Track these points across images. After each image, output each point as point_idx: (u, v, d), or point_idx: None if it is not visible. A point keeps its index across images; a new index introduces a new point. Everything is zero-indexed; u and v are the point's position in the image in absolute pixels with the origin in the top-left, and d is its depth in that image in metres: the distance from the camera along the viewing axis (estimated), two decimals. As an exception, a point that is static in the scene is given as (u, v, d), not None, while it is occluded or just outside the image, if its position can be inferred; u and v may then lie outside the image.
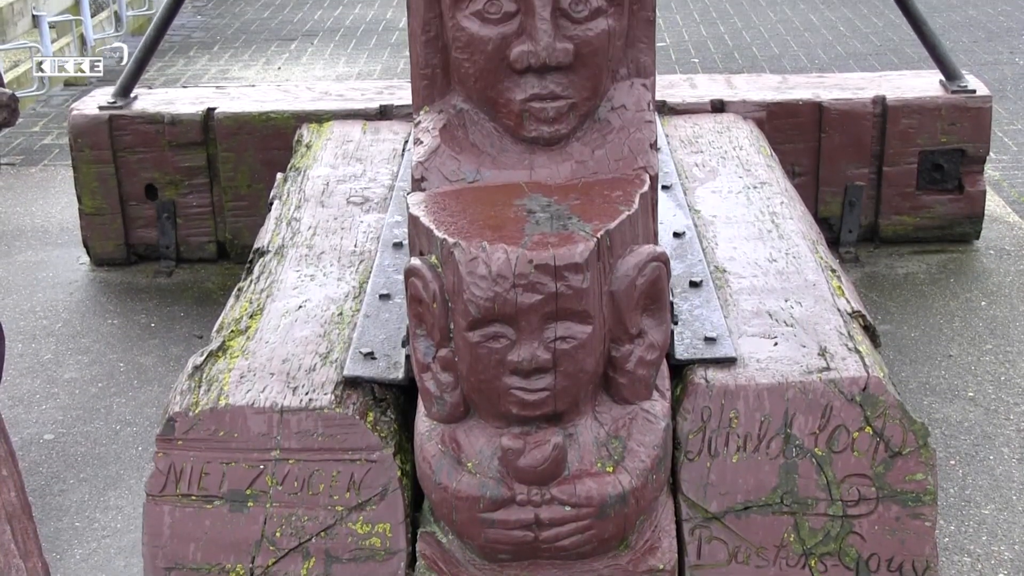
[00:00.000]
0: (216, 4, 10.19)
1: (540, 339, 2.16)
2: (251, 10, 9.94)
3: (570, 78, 2.40)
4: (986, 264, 4.69)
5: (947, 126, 4.67)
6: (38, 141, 6.77)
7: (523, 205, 2.33)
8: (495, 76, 2.41)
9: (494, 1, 2.38)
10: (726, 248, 3.21)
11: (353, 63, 8.26)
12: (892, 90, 4.74)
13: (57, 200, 5.70)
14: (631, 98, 2.51)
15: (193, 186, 4.79)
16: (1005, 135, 6.49)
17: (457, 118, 2.51)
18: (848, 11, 9.26)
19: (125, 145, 4.75)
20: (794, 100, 4.67)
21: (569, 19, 2.38)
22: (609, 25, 2.40)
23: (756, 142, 4.12)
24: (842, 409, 2.52)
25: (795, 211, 3.49)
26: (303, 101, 4.76)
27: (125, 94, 4.85)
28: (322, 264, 3.21)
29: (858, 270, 4.63)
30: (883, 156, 4.72)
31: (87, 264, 4.93)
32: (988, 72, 7.43)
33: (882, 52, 8.13)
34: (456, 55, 2.44)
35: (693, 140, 4.13)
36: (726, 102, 4.56)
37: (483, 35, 2.38)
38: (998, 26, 8.73)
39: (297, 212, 3.59)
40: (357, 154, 4.11)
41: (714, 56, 8.18)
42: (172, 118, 4.72)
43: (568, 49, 2.36)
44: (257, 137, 4.69)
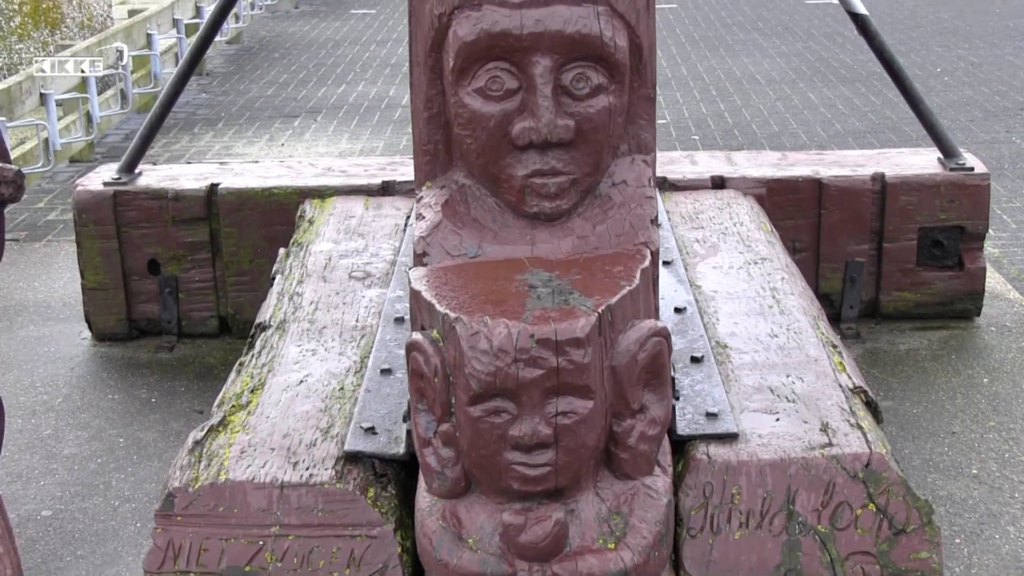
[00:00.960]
0: (221, 82, 10.29)
1: (541, 414, 2.16)
2: (255, 88, 10.04)
3: (571, 154, 2.42)
4: (988, 341, 4.69)
5: (946, 203, 4.70)
6: (42, 217, 6.81)
7: (525, 280, 2.34)
8: (497, 152, 2.43)
9: (496, 78, 2.40)
10: (727, 324, 3.21)
11: (356, 140, 8.33)
12: (891, 167, 4.78)
13: (60, 275, 5.72)
14: (632, 174, 2.53)
15: (195, 261, 4.80)
16: (1004, 212, 6.52)
17: (459, 193, 2.52)
18: (846, 90, 9.35)
19: (128, 220, 4.78)
20: (794, 177, 4.69)
21: (570, 96, 2.40)
22: (610, 102, 2.43)
23: (756, 218, 4.14)
24: (845, 486, 2.50)
25: (796, 287, 3.50)
26: (306, 177, 4.80)
27: (129, 170, 4.89)
28: (323, 339, 3.22)
29: (859, 346, 4.63)
30: (883, 232, 4.73)
31: (88, 339, 4.93)
32: (985, 150, 7.48)
33: (880, 130, 8.20)
34: (458, 131, 2.47)
35: (694, 216, 4.15)
36: (726, 178, 4.59)
37: (485, 112, 2.41)
38: (994, 105, 8.81)
39: (299, 287, 3.60)
40: (359, 229, 4.13)
41: (714, 133, 8.24)
42: (176, 194, 4.75)
43: (569, 126, 2.39)
44: (260, 212, 4.71)
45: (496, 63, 2.39)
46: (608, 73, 2.41)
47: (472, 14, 2.39)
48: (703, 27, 11.98)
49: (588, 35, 2.38)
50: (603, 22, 2.39)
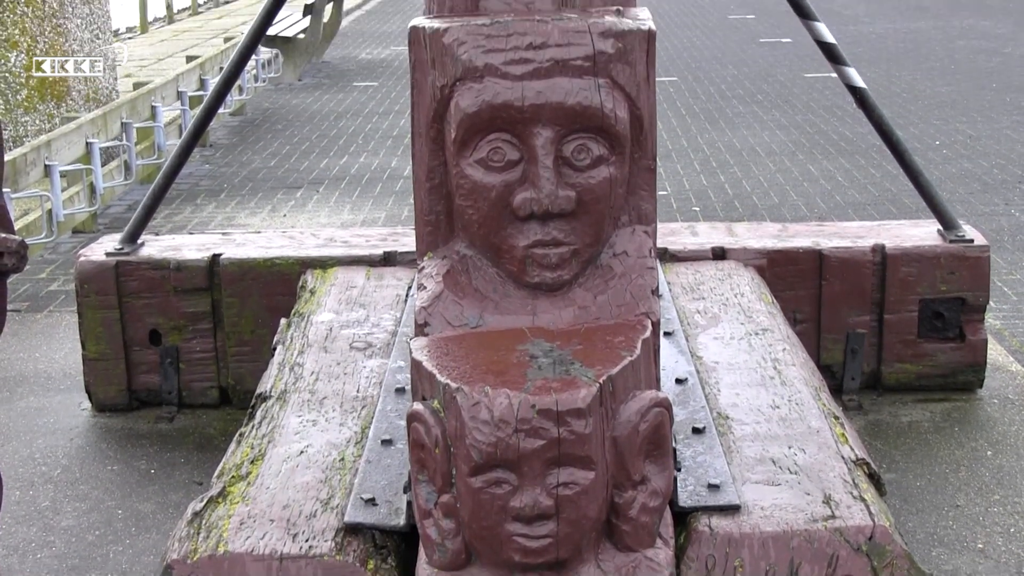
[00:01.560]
0: (224, 153, 10.36)
1: (542, 485, 2.15)
2: (258, 159, 10.10)
3: (572, 225, 2.44)
4: (990, 413, 4.67)
5: (946, 275, 4.71)
6: (44, 287, 6.82)
7: (526, 350, 2.34)
8: (498, 223, 2.44)
9: (497, 149, 2.42)
10: (728, 394, 3.20)
11: (358, 210, 8.36)
12: (891, 239, 4.79)
13: (61, 346, 5.71)
14: (633, 244, 2.54)
15: (197, 331, 4.80)
16: (1004, 284, 6.53)
17: (460, 264, 2.53)
18: (846, 162, 9.40)
19: (130, 291, 4.78)
20: (794, 248, 4.71)
21: (571, 167, 2.42)
22: (611, 173, 2.44)
23: (757, 289, 4.14)
24: (848, 559, 2.48)
25: (797, 358, 3.50)
26: (308, 247, 4.81)
27: (132, 240, 4.91)
28: (324, 409, 3.21)
29: (861, 418, 4.61)
30: (884, 304, 4.74)
31: (88, 410, 4.92)
32: (985, 223, 7.50)
33: (880, 202, 8.23)
34: (460, 202, 2.48)
35: (695, 287, 4.16)
36: (727, 249, 4.60)
37: (487, 182, 2.43)
38: (993, 178, 8.85)
39: (300, 357, 3.60)
40: (361, 300, 4.13)
41: (715, 205, 8.28)
42: (178, 264, 4.76)
43: (571, 197, 2.40)
44: (262, 283, 4.72)
45: (498, 134, 2.42)
46: (609, 144, 2.43)
47: (474, 86, 2.42)
48: (703, 100, 12.07)
49: (589, 107, 2.41)
50: (604, 94, 2.42)
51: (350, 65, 15.13)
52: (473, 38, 2.44)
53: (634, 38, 2.49)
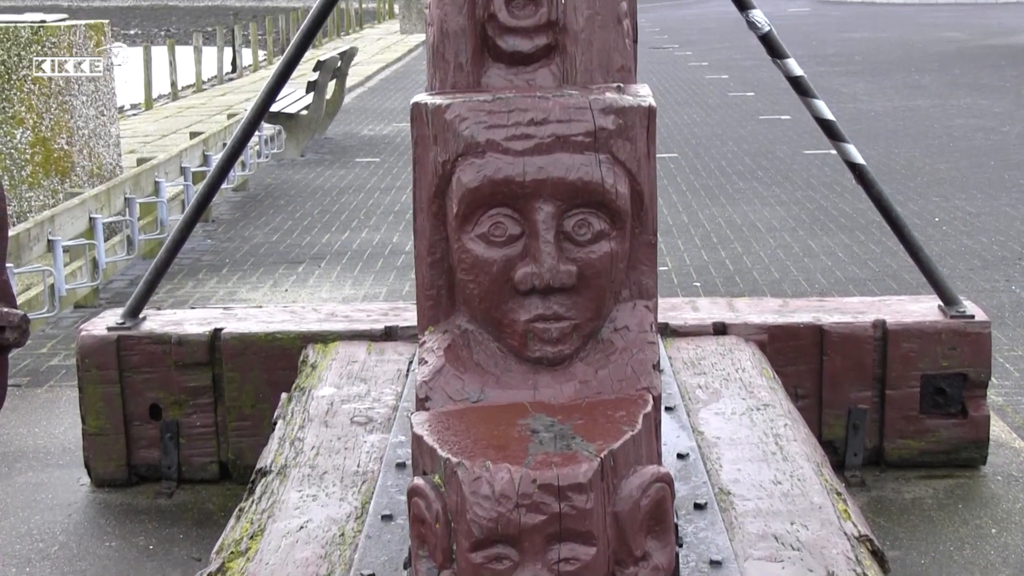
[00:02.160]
0: (226, 228, 10.41)
1: (544, 561, 2.13)
2: (260, 234, 10.14)
3: (573, 299, 2.44)
4: (994, 490, 4.64)
5: (948, 350, 4.71)
6: (45, 362, 6.81)
7: (527, 425, 2.34)
8: (499, 297, 2.45)
9: (499, 224, 2.44)
10: (730, 470, 3.19)
11: (359, 285, 8.38)
12: (892, 314, 4.79)
13: (61, 421, 5.70)
14: (634, 319, 2.55)
15: (197, 406, 4.79)
16: (1006, 361, 6.52)
17: (462, 338, 2.54)
18: (846, 238, 9.43)
19: (131, 365, 4.78)
20: (795, 323, 4.71)
21: (572, 242, 2.44)
22: (612, 248, 2.46)
23: (758, 364, 4.14)
24: (853, 636, 2.46)
25: (799, 433, 3.49)
26: (309, 322, 4.82)
27: (134, 315, 4.91)
28: (324, 484, 3.19)
29: (864, 494, 4.58)
30: (885, 379, 4.73)
31: (87, 485, 4.89)
32: (985, 299, 7.51)
33: (880, 278, 8.25)
34: (461, 276, 2.49)
35: (696, 362, 4.16)
36: (728, 324, 4.60)
37: (488, 257, 2.44)
38: (993, 255, 8.88)
39: (301, 432, 3.59)
40: (362, 374, 4.13)
41: (716, 280, 8.29)
42: (179, 338, 4.77)
43: (572, 271, 2.41)
44: (263, 357, 4.72)
45: (499, 209, 2.43)
46: (610, 219, 2.45)
47: (475, 161, 2.44)
48: (704, 176, 12.15)
49: (590, 182, 2.42)
50: (605, 170, 2.44)
51: (352, 141, 15.24)
52: (475, 114, 2.47)
53: (635, 114, 2.52)
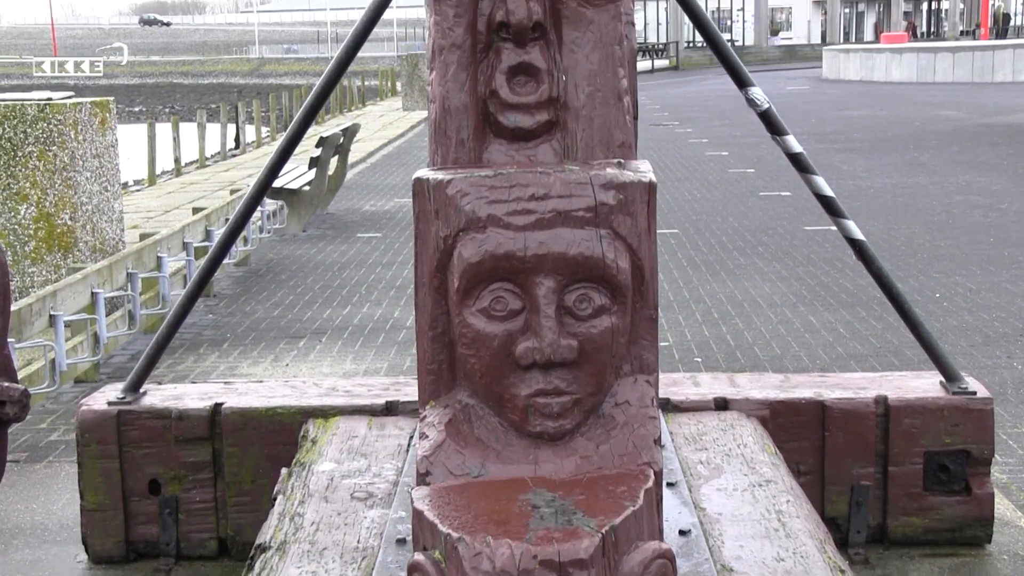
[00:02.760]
0: (227, 303, 10.42)
1: (545, 638, 2.11)
2: (261, 309, 10.15)
3: (575, 374, 2.45)
4: (1000, 569, 4.60)
5: (950, 427, 4.69)
6: (44, 437, 6.79)
7: (528, 500, 2.32)
8: (500, 372, 2.45)
9: (500, 298, 2.45)
10: (732, 547, 3.17)
11: (360, 360, 8.37)
12: (894, 390, 4.78)
13: (59, 497, 5.67)
14: (635, 394, 2.55)
15: (197, 481, 4.77)
16: (1009, 438, 6.50)
17: (462, 413, 2.53)
18: (847, 314, 9.44)
19: (131, 440, 4.77)
20: (797, 399, 4.70)
21: (573, 316, 2.44)
22: (613, 323, 2.46)
23: (760, 440, 4.13)
24: None
25: (801, 510, 3.47)
26: (310, 396, 4.81)
27: (134, 389, 4.90)
28: (324, 560, 3.17)
29: (868, 572, 4.54)
30: (888, 456, 4.71)
31: (84, 562, 4.85)
32: (988, 375, 7.50)
33: (882, 354, 8.25)
34: (462, 351, 2.49)
35: (697, 437, 4.14)
36: (729, 400, 4.59)
37: (489, 332, 2.44)
38: (994, 331, 8.88)
39: (301, 507, 3.57)
40: (362, 449, 4.11)
41: (717, 355, 8.29)
42: (179, 413, 4.75)
43: (572, 346, 2.42)
44: (263, 432, 4.70)
45: (500, 283, 2.45)
46: (611, 294, 2.46)
47: (477, 236, 2.46)
48: (704, 251, 12.19)
49: (591, 257, 2.44)
50: (605, 244, 2.45)
51: (354, 217, 15.32)
52: (476, 189, 2.49)
53: (635, 190, 2.53)
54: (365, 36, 4.56)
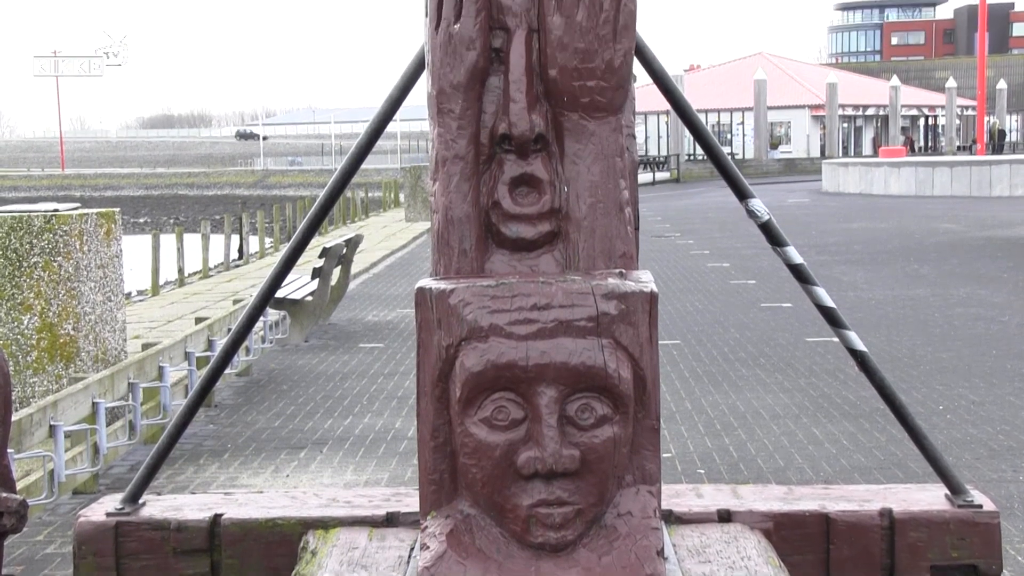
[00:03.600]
0: (228, 413, 10.40)
1: None
2: (262, 419, 10.12)
3: (576, 484, 2.44)
4: None
5: (957, 540, 4.63)
6: (41, 550, 6.72)
7: (530, 612, 2.30)
8: (502, 482, 2.44)
9: (502, 408, 2.45)
10: (738, 663, 3.12)
11: (361, 471, 8.32)
12: (898, 503, 4.74)
13: (54, 608, 5.60)
14: (637, 505, 2.53)
15: (194, 594, 4.70)
16: (1018, 553, 6.43)
17: (464, 523, 2.52)
18: (850, 425, 9.40)
19: (129, 551, 4.71)
20: (801, 511, 4.65)
21: (575, 426, 2.44)
22: (615, 432, 2.46)
23: (764, 553, 4.08)
24: None
25: (808, 625, 3.42)
26: (310, 507, 4.76)
27: (133, 500, 4.86)
28: (322, 675, 3.12)
29: None
30: (894, 569, 4.64)
31: (78, 676, 4.76)
32: (993, 489, 7.45)
33: (886, 466, 8.19)
34: (464, 461, 2.49)
35: (700, 549, 4.10)
36: (733, 512, 4.55)
37: (491, 441, 2.44)
38: (999, 444, 8.84)
39: (299, 621, 3.51)
40: (363, 561, 4.07)
41: (720, 467, 8.24)
42: (178, 524, 4.70)
43: (575, 456, 2.41)
44: (263, 543, 4.65)
45: (502, 393, 2.45)
46: (613, 404, 2.46)
47: (479, 345, 2.46)
48: (706, 362, 12.18)
49: (593, 367, 2.44)
50: (607, 354, 2.46)
51: (356, 327, 15.35)
52: (478, 299, 2.50)
53: (636, 300, 2.55)
54: (369, 148, 4.61)
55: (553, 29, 2.85)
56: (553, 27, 2.85)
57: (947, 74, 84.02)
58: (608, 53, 2.86)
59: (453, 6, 2.86)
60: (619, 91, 2.88)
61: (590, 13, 2.84)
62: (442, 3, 2.87)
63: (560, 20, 2.84)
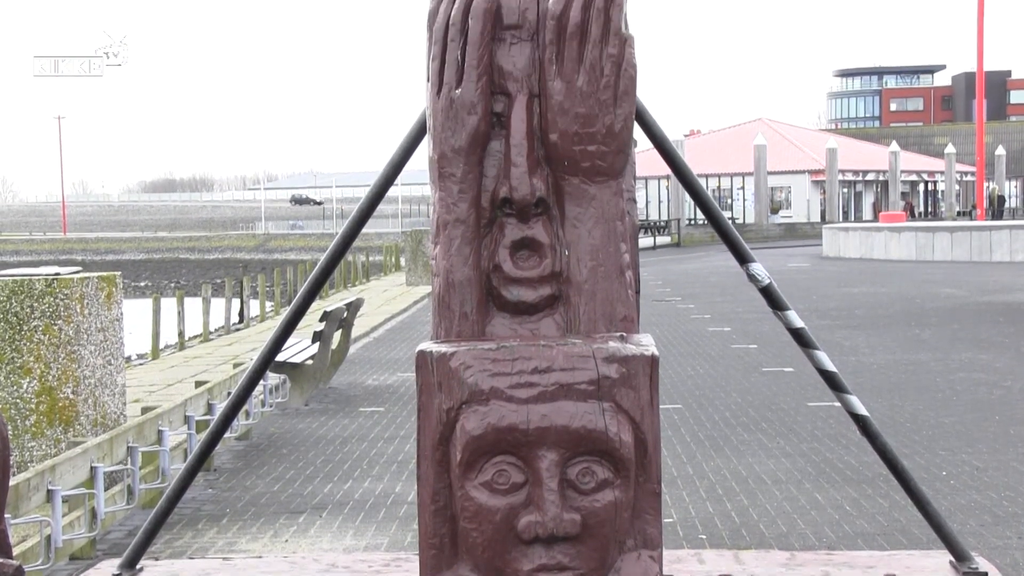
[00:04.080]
0: (228, 477, 10.34)
1: None
2: (262, 483, 10.07)
3: (577, 548, 2.42)
4: None
5: (964, 603, 4.59)
6: (37, 614, 6.66)
7: None
8: (503, 546, 2.42)
9: (503, 472, 2.44)
10: None
11: (361, 536, 8.26)
12: (903, 569, 4.70)
13: (49, 675, 5.53)
14: (639, 570, 2.52)
15: (190, 661, 4.65)
16: (1022, 617, 6.37)
17: (464, 588, 2.50)
18: (853, 491, 9.35)
19: (125, 618, 4.66)
20: (804, 578, 4.61)
21: (576, 490, 2.43)
22: (616, 497, 2.45)
23: (768, 620, 4.04)
24: None
25: None
26: (309, 572, 4.72)
27: (131, 566, 4.82)
28: None
29: None
30: (900, 636, 4.60)
31: None
32: (998, 556, 7.39)
33: (890, 532, 8.14)
34: (464, 524, 2.47)
35: (703, 618, 4.06)
36: (735, 579, 4.51)
37: (491, 505, 2.43)
38: (1003, 511, 8.78)
39: None
40: (361, 628, 4.02)
41: (721, 533, 8.18)
42: (175, 590, 4.66)
43: (575, 520, 2.40)
44: (260, 610, 4.61)
45: (503, 457, 2.44)
46: (614, 468, 2.45)
47: (480, 409, 2.46)
48: (708, 427, 12.14)
49: (594, 430, 2.43)
50: (608, 418, 2.45)
51: (357, 391, 15.31)
52: (479, 362, 2.50)
53: (637, 363, 2.54)
54: (370, 212, 4.63)
55: (554, 94, 2.87)
56: (554, 92, 2.87)
57: (946, 140, 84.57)
58: (609, 118, 2.88)
59: (455, 71, 2.88)
60: (620, 155, 2.90)
61: (591, 78, 2.86)
62: (444, 68, 2.89)
63: (561, 85, 2.86)
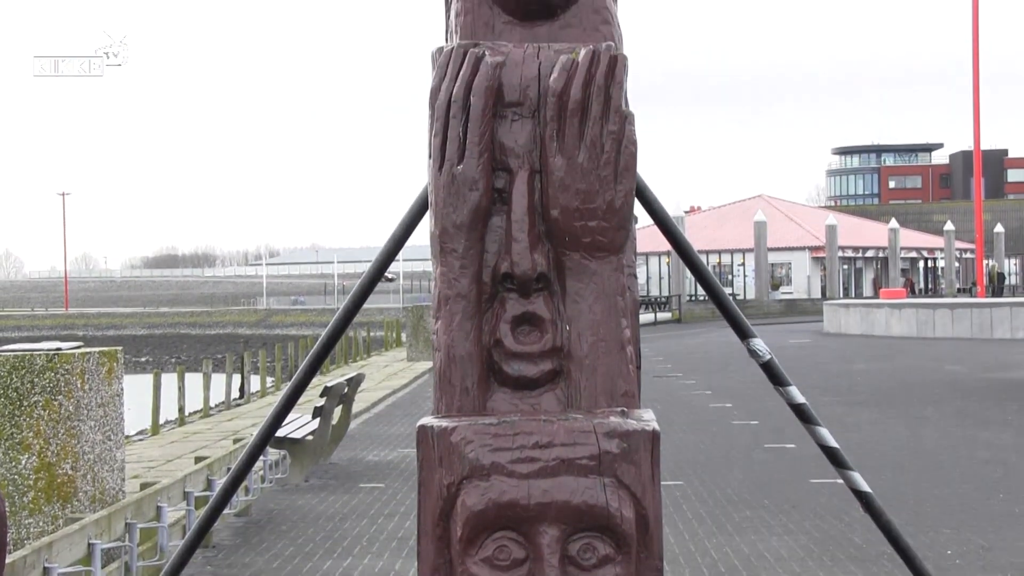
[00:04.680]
0: (226, 554, 10.26)
1: None
2: (261, 560, 9.98)
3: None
4: None
5: None
6: None
7: None
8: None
9: (503, 548, 2.43)
10: None
11: (360, 616, 8.18)
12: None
13: None
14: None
15: None
16: None
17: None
18: (857, 569, 9.27)
19: None
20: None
21: (577, 566, 2.41)
22: (617, 573, 2.43)
23: None
24: None
25: None
26: (307, 653, 4.67)
27: (127, 643, 4.77)
28: None
29: None
30: None
31: None
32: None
33: (895, 611, 8.05)
34: (465, 602, 2.45)
35: None
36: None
37: (492, 582, 2.41)
38: (1009, 586, 8.70)
39: None
40: None
41: (725, 613, 8.10)
42: (172, 669, 4.61)
43: (577, 595, 2.38)
44: None
45: (504, 532, 2.43)
46: (615, 544, 2.44)
47: (480, 484, 2.45)
48: (709, 504, 12.05)
49: (595, 506, 2.42)
50: (609, 493, 2.44)
51: (357, 467, 15.23)
52: (480, 437, 2.49)
53: (639, 438, 2.54)
54: (372, 288, 4.64)
55: (555, 170, 2.89)
56: (555, 168, 2.89)
57: (944, 217, 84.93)
58: (609, 194, 2.90)
59: (456, 148, 2.90)
60: (620, 231, 2.92)
61: (591, 155, 2.89)
62: (446, 144, 2.92)
63: (562, 161, 2.88)
